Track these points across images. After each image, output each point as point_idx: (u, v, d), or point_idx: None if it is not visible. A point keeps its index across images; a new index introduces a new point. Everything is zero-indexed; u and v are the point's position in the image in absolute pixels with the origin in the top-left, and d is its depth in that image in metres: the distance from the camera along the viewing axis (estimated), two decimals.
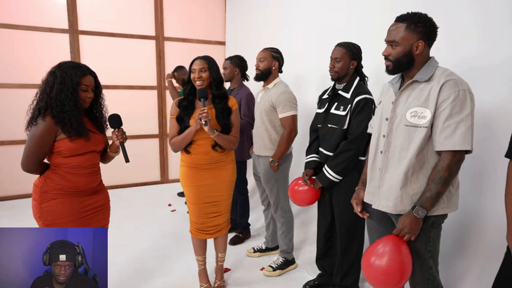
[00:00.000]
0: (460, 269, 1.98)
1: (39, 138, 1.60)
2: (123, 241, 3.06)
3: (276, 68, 2.54)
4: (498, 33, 1.79)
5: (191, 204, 2.22)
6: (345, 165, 1.99)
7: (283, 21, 3.90)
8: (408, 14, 1.44)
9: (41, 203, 1.67)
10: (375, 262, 1.42)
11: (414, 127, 1.42)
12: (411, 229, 1.41)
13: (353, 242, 2.14)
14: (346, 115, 1.98)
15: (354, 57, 2.05)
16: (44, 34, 4.36)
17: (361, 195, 1.72)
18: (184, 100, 2.15)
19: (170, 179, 5.33)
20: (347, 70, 2.05)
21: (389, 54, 1.46)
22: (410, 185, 1.45)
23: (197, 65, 2.09)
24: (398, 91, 1.51)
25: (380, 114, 1.60)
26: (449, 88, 1.35)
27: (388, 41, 1.47)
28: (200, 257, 2.35)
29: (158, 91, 5.11)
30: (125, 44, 4.81)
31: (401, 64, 1.46)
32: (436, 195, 1.39)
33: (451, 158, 1.36)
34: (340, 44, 2.08)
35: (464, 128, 1.33)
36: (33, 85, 4.32)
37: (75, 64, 1.69)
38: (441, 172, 1.37)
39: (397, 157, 1.48)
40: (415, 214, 1.40)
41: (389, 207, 1.50)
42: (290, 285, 2.48)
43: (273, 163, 2.50)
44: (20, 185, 4.32)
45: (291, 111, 2.45)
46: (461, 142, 1.34)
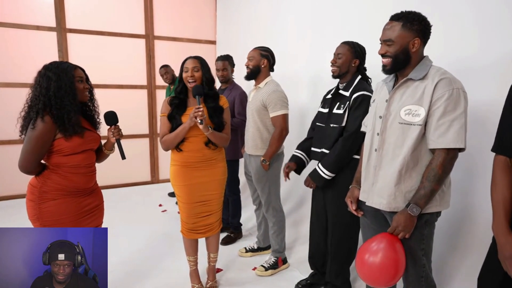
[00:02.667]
0: (451, 267, 2.00)
1: (40, 139, 1.59)
2: (114, 241, 3.01)
3: (265, 66, 2.53)
4: (493, 31, 1.81)
5: (182, 204, 2.20)
6: (339, 162, 1.99)
7: (274, 20, 3.90)
8: (403, 13, 1.44)
9: (41, 204, 1.66)
10: (369, 259, 1.43)
11: (408, 125, 1.43)
12: (405, 227, 1.42)
13: (346, 241, 2.15)
14: (344, 112, 1.99)
15: (356, 55, 2.04)
16: (30, 32, 4.27)
17: (355, 193, 1.72)
18: (175, 98, 2.14)
19: (160, 179, 5.29)
20: (348, 67, 2.04)
21: (386, 52, 1.46)
22: (404, 183, 1.46)
23: (190, 64, 2.08)
24: (392, 89, 1.51)
25: (374, 113, 1.61)
26: (443, 87, 1.36)
27: (384, 40, 1.47)
28: (192, 257, 2.33)
29: (148, 90, 5.06)
30: (114, 43, 4.75)
31: (399, 61, 1.46)
32: (430, 192, 1.40)
33: (445, 156, 1.37)
34: (344, 42, 2.08)
35: (457, 126, 1.35)
36: (18, 84, 4.24)
37: (61, 61, 1.71)
38: (435, 170, 1.38)
39: (391, 155, 1.48)
40: (410, 211, 1.41)
41: (382, 204, 1.51)
42: (283, 284, 2.48)
43: (264, 162, 2.49)
44: (14, 185, 4.29)
45: (282, 110, 2.44)
46: (454, 140, 1.35)
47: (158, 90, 5.12)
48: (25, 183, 1.81)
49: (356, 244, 2.19)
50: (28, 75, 4.72)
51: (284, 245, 2.71)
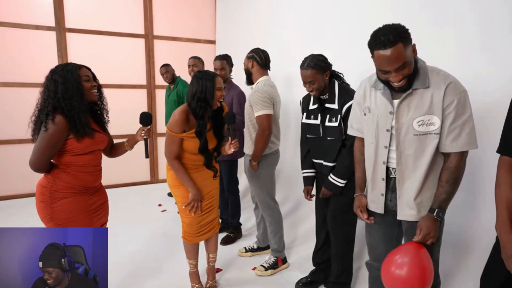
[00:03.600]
0: (454, 266, 2.00)
1: (53, 138, 1.62)
2: (114, 241, 2.99)
3: (254, 67, 2.55)
4: (496, 32, 1.81)
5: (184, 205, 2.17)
6: (350, 170, 1.99)
7: (274, 20, 3.89)
8: (393, 35, 1.30)
9: (52, 203, 1.69)
10: (400, 272, 1.36)
11: (425, 135, 1.43)
12: (435, 233, 1.44)
13: (347, 242, 2.18)
14: (340, 125, 1.99)
15: (324, 70, 2.02)
16: (29, 32, 4.26)
17: (363, 202, 1.70)
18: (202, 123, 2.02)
19: (160, 179, 5.28)
20: (324, 84, 2.04)
21: (403, 75, 1.36)
22: (428, 190, 1.49)
23: (221, 82, 2.05)
24: (398, 101, 1.46)
25: (374, 124, 1.55)
26: (451, 93, 1.37)
27: (397, 68, 1.33)
28: (193, 260, 2.32)
29: (147, 90, 5.05)
30: (113, 43, 4.74)
31: (412, 76, 1.39)
32: (452, 195, 1.44)
33: (459, 158, 1.42)
34: (305, 67, 2.01)
35: (468, 128, 1.39)
36: (17, 83, 4.24)
37: (66, 63, 1.73)
38: (454, 173, 1.42)
39: (411, 167, 1.48)
40: (436, 217, 1.43)
41: (414, 216, 1.51)
42: (283, 284, 2.48)
43: (251, 163, 2.54)
44: (14, 185, 4.27)
45: (263, 110, 2.42)
46: (467, 142, 1.39)
47: (158, 89, 5.11)
48: (24, 183, 1.82)
49: (354, 233, 2.21)
50: (27, 75, 4.74)
51: (283, 244, 2.71)
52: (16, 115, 4.19)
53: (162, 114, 4.83)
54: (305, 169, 2.31)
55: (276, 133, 2.61)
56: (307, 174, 2.31)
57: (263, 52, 2.58)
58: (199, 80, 1.97)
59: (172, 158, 2.05)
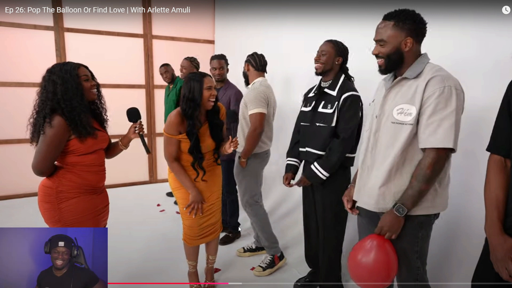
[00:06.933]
0: (447, 269, 2.01)
1: (54, 141, 1.59)
2: (112, 242, 3.00)
3: (249, 69, 2.64)
4: (492, 32, 1.82)
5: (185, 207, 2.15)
6: (337, 164, 2.00)
7: (272, 20, 3.90)
8: (396, 12, 1.42)
9: (59, 204, 1.67)
10: (361, 260, 1.42)
11: (400, 124, 1.40)
12: (391, 228, 1.40)
13: (334, 239, 2.17)
14: (334, 112, 1.98)
15: (339, 53, 2.06)
16: (28, 31, 4.25)
17: (351, 193, 1.71)
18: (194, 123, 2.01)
19: (158, 179, 5.28)
20: (331, 65, 2.05)
21: (379, 52, 1.45)
22: (393, 183, 1.43)
23: (212, 81, 2.04)
24: (388, 88, 1.49)
25: (372, 113, 1.59)
26: (434, 84, 1.33)
27: (376, 40, 1.46)
28: (193, 262, 2.33)
29: (146, 90, 5.05)
30: (112, 42, 4.73)
31: (393, 61, 1.44)
32: (418, 193, 1.36)
33: (434, 156, 1.33)
34: (328, 40, 2.11)
35: (447, 125, 1.31)
36: (15, 83, 4.22)
37: (63, 63, 1.69)
38: (423, 170, 1.35)
39: (382, 155, 1.46)
40: (396, 212, 1.39)
41: (370, 204, 1.50)
42: (281, 284, 2.49)
43: (239, 159, 2.59)
44: (14, 185, 4.27)
45: (257, 108, 2.47)
46: (443, 139, 1.31)
47: (156, 89, 5.10)
48: (24, 183, 1.82)
49: (343, 236, 2.22)
50: (25, 75, 4.71)
51: (274, 239, 2.70)
52: (15, 115, 4.19)
53: (161, 114, 4.83)
54: (289, 157, 2.33)
55: (268, 133, 2.66)
56: (290, 162, 2.31)
57: (258, 56, 2.65)
58: (188, 82, 2.00)
59: (171, 160, 2.05)
